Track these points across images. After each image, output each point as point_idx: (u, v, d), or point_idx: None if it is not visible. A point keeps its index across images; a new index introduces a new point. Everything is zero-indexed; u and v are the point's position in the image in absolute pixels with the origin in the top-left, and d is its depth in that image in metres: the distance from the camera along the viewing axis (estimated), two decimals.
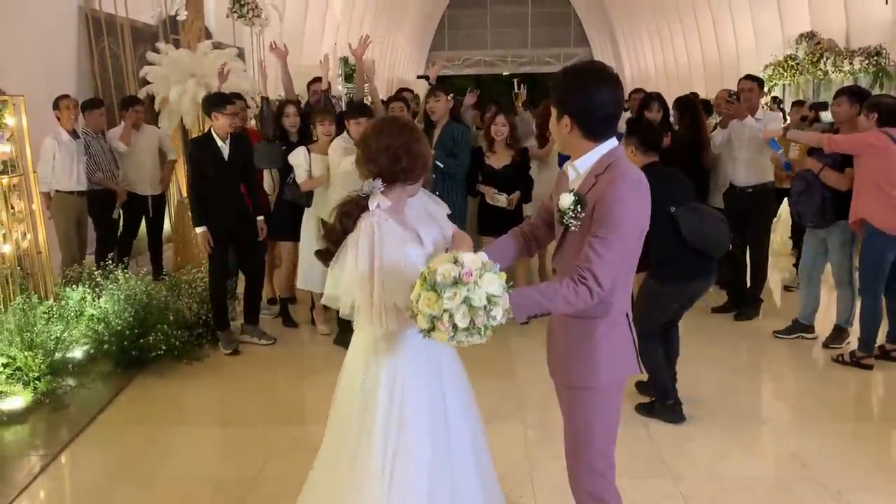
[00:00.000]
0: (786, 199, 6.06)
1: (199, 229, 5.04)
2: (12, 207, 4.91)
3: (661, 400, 4.05)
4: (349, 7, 18.67)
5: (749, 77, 5.92)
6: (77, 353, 4.76)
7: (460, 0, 32.11)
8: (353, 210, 2.38)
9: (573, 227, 2.21)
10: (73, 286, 5.10)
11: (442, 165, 5.36)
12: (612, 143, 2.23)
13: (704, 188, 6.06)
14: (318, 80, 6.69)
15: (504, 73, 33.15)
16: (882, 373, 4.72)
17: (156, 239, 6.97)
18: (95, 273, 5.25)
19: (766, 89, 14.88)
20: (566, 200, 2.20)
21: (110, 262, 5.34)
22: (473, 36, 32.49)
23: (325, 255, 2.45)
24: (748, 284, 5.93)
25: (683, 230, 3.76)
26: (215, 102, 5.12)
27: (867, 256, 4.70)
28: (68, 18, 6.89)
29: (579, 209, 2.18)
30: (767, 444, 3.89)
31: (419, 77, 23.67)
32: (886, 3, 11.19)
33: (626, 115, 6.47)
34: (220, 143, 5.04)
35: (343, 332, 5.26)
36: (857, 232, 4.76)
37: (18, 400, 4.22)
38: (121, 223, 6.64)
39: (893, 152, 4.50)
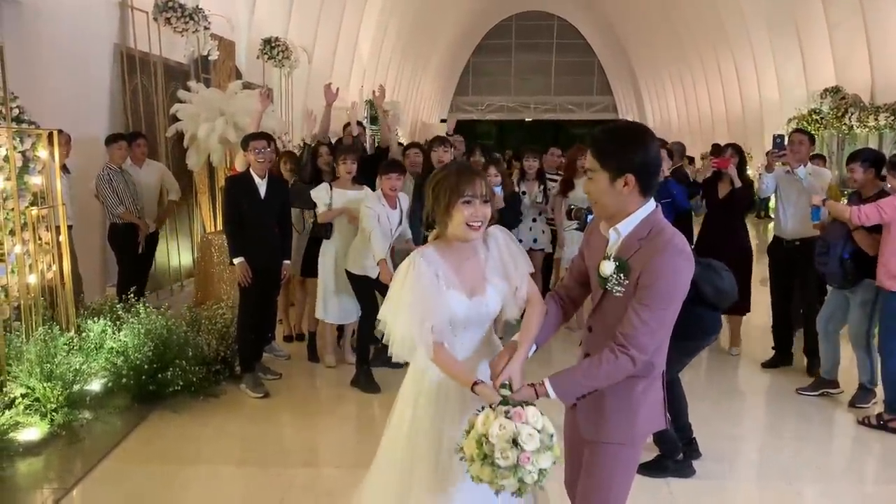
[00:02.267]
0: None
1: (237, 260, 5.03)
2: (40, 238, 4.97)
3: (671, 455, 3.96)
4: (376, 51, 19.01)
5: (800, 130, 5.94)
6: (95, 385, 4.76)
7: (485, 47, 32.63)
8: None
9: (617, 293, 2.18)
10: (95, 318, 5.13)
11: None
12: (653, 203, 2.20)
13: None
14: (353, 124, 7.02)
15: (527, 119, 33.49)
16: None
17: (143, 276, 6.70)
18: (117, 306, 5.28)
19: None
20: (608, 268, 2.18)
21: (132, 295, 5.38)
22: (497, 82, 32.93)
23: None
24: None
25: (704, 287, 3.70)
26: (242, 141, 5.24)
27: (887, 317, 4.63)
28: (104, 55, 7.05)
29: (622, 276, 2.15)
30: None
31: (442, 121, 23.98)
32: None
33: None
34: (257, 180, 5.09)
35: (360, 374, 5.23)
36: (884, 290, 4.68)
37: (34, 431, 4.21)
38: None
39: None
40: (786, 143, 5.70)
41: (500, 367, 2.25)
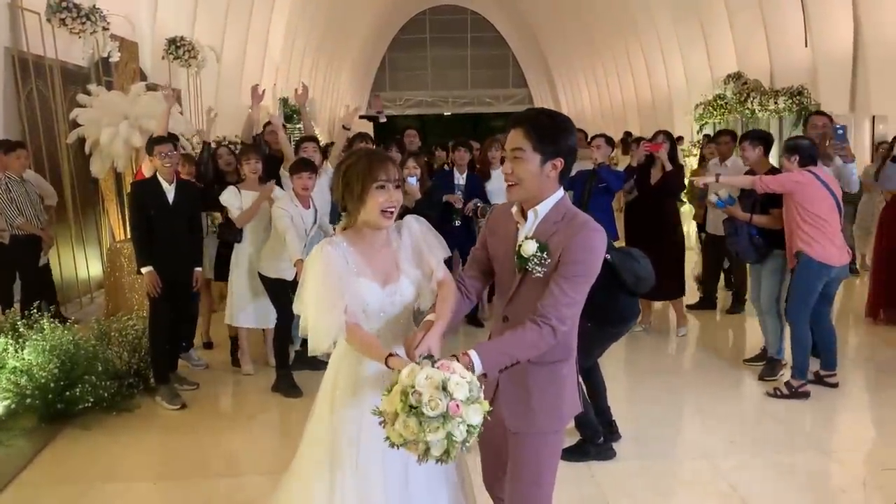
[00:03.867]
0: None
1: (145, 270, 4.83)
2: None
3: (592, 440, 4.04)
4: (288, 49, 18.67)
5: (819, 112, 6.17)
6: None
7: (401, 42, 32.56)
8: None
9: (538, 274, 2.19)
10: None
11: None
12: (562, 191, 2.26)
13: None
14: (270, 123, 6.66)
15: (446, 113, 33.57)
16: (816, 402, 4.82)
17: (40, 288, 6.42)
18: (18, 323, 5.01)
19: (698, 128, 15.42)
20: (530, 247, 2.19)
21: (35, 311, 5.12)
22: (414, 77, 32.91)
23: None
24: None
25: (624, 275, 3.74)
26: (147, 145, 5.06)
27: (798, 285, 4.84)
28: None
29: (545, 255, 2.17)
30: (708, 480, 3.90)
31: (361, 117, 23.78)
32: (806, 45, 11.74)
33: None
34: (165, 185, 4.90)
35: (280, 378, 5.13)
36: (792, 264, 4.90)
37: None
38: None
39: (818, 188, 4.71)
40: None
41: (416, 342, 2.14)
